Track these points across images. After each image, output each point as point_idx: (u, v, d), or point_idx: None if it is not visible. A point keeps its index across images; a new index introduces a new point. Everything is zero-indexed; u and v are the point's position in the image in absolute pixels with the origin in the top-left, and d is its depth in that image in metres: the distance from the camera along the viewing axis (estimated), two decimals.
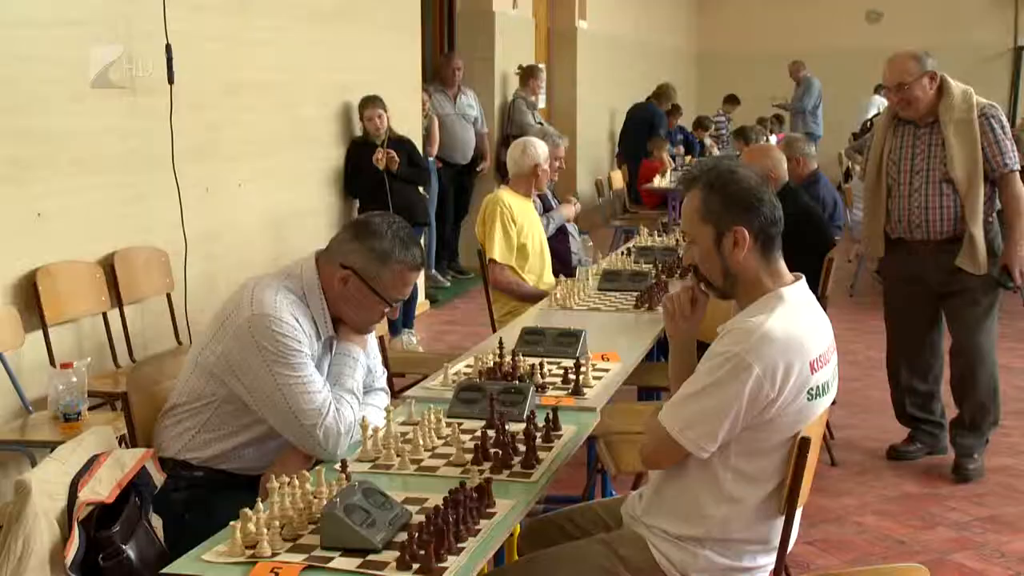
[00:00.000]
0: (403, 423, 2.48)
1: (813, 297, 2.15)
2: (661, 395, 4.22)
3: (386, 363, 3.73)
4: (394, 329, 6.25)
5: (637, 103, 10.45)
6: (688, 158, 11.00)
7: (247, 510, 1.78)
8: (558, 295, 3.94)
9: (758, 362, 1.94)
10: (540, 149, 4.57)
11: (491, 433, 2.29)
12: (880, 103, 12.97)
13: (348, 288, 2.37)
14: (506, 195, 4.49)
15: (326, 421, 2.24)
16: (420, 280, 7.07)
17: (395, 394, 3.35)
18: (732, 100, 12.97)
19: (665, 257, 4.79)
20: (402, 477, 2.14)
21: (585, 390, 2.71)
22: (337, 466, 2.12)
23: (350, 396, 2.33)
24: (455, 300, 7.68)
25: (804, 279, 2.13)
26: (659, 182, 9.44)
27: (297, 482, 1.91)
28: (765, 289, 2.07)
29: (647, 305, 3.82)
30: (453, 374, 2.85)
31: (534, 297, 4.30)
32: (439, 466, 2.18)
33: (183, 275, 4.47)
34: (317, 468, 1.99)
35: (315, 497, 1.91)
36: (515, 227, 4.41)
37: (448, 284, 7.80)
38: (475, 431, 2.38)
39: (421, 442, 2.27)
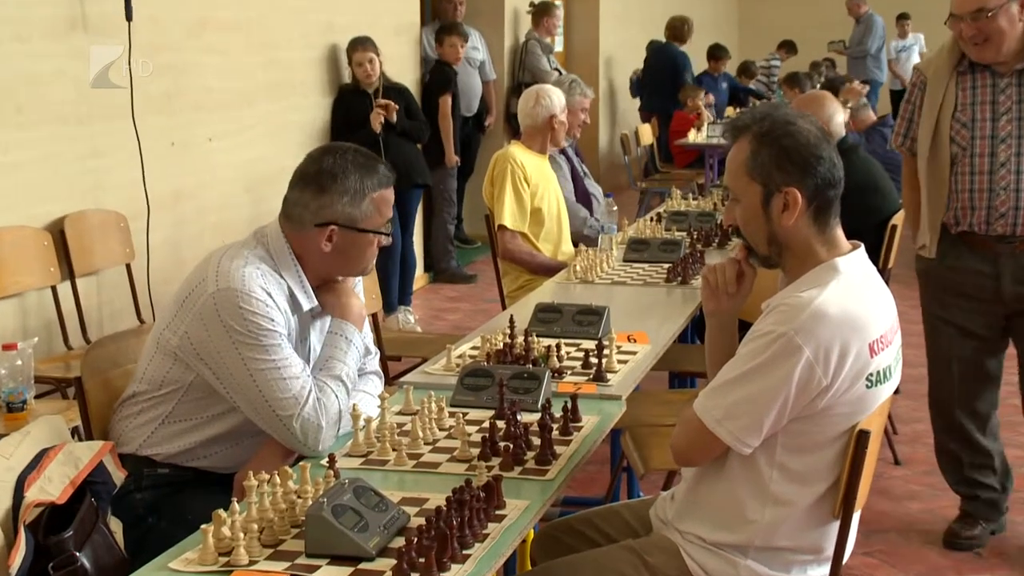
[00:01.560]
0: (399, 413, 2.48)
1: (873, 269, 2.13)
2: (696, 382, 4.23)
3: (380, 344, 3.79)
4: (389, 306, 6.29)
5: (654, 43, 10.06)
6: (730, 109, 10.94)
7: (220, 511, 1.79)
8: (578, 267, 3.94)
9: (809, 343, 1.93)
10: (556, 98, 4.54)
11: (501, 424, 2.30)
12: (912, 45, 12.65)
13: (337, 244, 2.37)
14: (518, 151, 4.47)
15: (304, 412, 2.24)
16: (419, 251, 7.09)
17: (390, 380, 3.37)
18: (788, 47, 12.82)
19: (701, 224, 4.78)
20: (399, 474, 2.15)
21: (608, 376, 2.71)
22: (324, 461, 2.13)
23: (336, 384, 2.33)
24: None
25: (863, 248, 2.12)
26: (694, 137, 9.40)
27: (278, 480, 1.92)
28: (818, 259, 2.06)
29: (680, 278, 3.82)
30: (457, 357, 2.86)
31: (550, 269, 4.30)
32: (441, 462, 2.19)
33: (145, 243, 4.48)
34: (301, 464, 2.00)
35: (299, 497, 1.92)
36: (528, 188, 4.40)
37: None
38: (482, 422, 2.39)
39: (420, 434, 2.28)
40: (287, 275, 2.37)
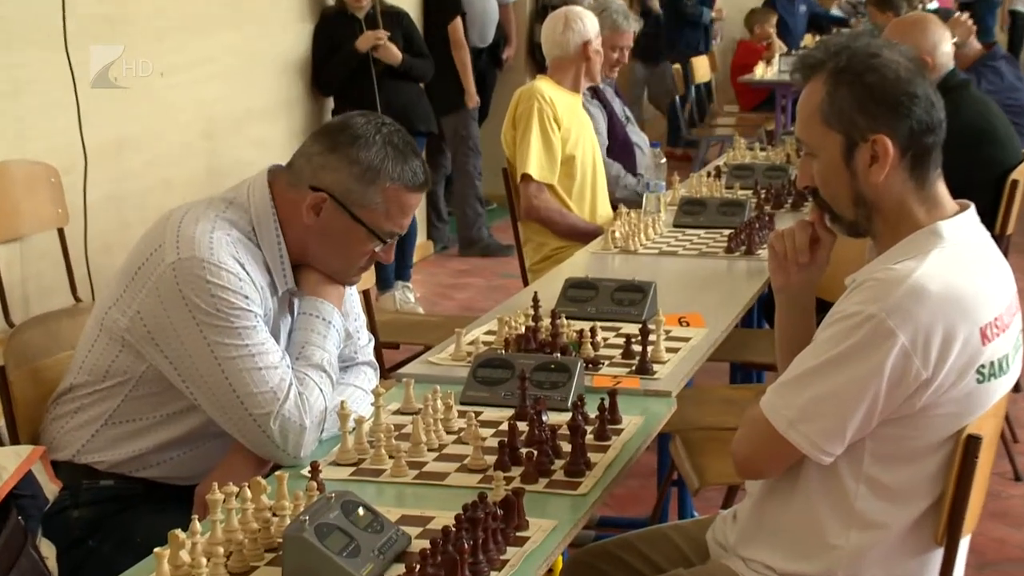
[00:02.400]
0: (398, 412, 2.50)
1: (987, 235, 2.13)
2: (765, 375, 4.27)
3: (373, 328, 3.79)
4: (384, 282, 6.32)
5: None
6: (808, 38, 10.88)
7: (178, 532, 1.81)
8: (617, 233, 3.96)
9: (904, 327, 1.93)
10: (589, 22, 4.53)
11: (522, 426, 2.31)
12: None
13: (322, 220, 2.39)
14: (546, 87, 4.46)
15: (284, 410, 2.27)
16: (420, 211, 7.11)
17: (386, 372, 3.39)
18: None
19: (770, 180, 4.79)
20: (397, 486, 2.17)
21: (655, 367, 2.73)
22: (305, 471, 2.15)
23: (319, 374, 2.36)
24: None
25: (973, 209, 2.12)
26: (763, 72, 9.38)
27: (249, 493, 1.95)
28: (915, 223, 2.06)
29: (744, 247, 3.83)
30: (469, 344, 2.88)
31: (584, 234, 4.32)
32: (449, 472, 2.21)
33: (81, 202, 4.51)
34: (277, 474, 2.02)
35: (274, 514, 1.94)
36: (559, 131, 4.40)
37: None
38: (499, 424, 2.41)
39: (423, 438, 2.30)
40: (266, 245, 2.39)
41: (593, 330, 2.86)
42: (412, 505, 2.08)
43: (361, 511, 1.86)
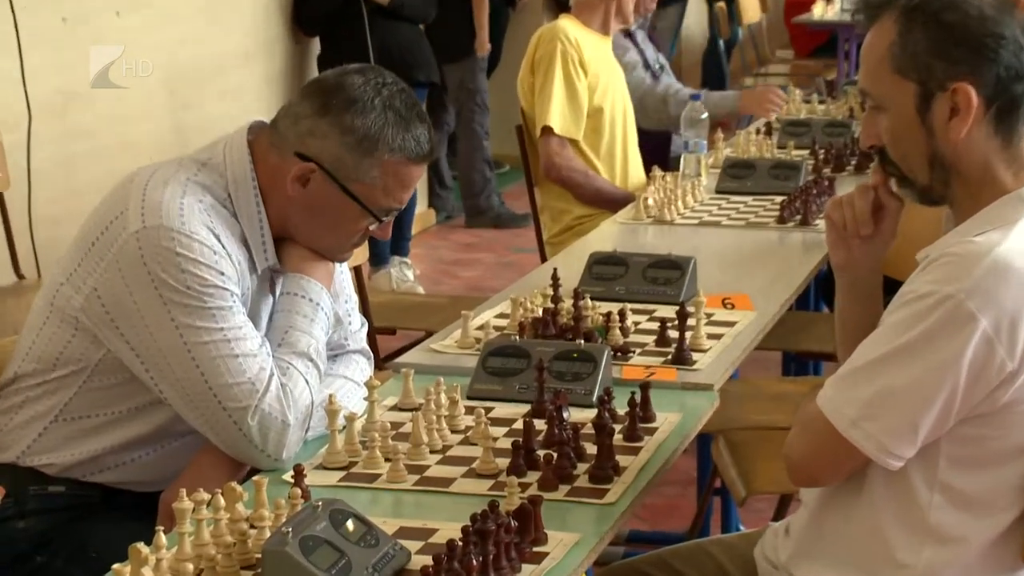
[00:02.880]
0: (395, 407, 2.52)
1: None
2: (823, 366, 4.27)
3: (366, 311, 3.79)
4: (378, 257, 6.34)
5: None
6: None
7: (140, 546, 1.82)
8: (651, 200, 3.97)
9: (986, 310, 1.93)
10: None
11: (540, 425, 2.33)
12: None
13: (309, 193, 2.41)
14: (571, 27, 4.46)
15: (263, 404, 2.28)
16: (422, 178, 7.07)
17: (381, 361, 3.39)
18: None
19: (830, 137, 4.80)
20: (394, 494, 2.19)
21: (695, 356, 2.74)
22: (288, 475, 2.16)
23: (305, 364, 2.37)
24: None
25: None
26: (822, 12, 9.35)
27: (222, 501, 1.96)
28: (1001, 188, 2.05)
29: (799, 217, 3.85)
30: (477, 329, 2.89)
31: (612, 200, 4.35)
32: (455, 477, 2.23)
33: (25, 165, 4.53)
34: (255, 479, 2.03)
35: (252, 526, 1.95)
36: (585, 78, 4.41)
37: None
38: (513, 421, 2.43)
39: (425, 438, 2.31)
40: (244, 214, 2.40)
41: (622, 313, 2.86)
42: (412, 515, 2.09)
43: (352, 522, 1.87)
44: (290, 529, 1.79)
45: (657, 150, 5.07)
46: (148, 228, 2.28)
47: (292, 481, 2.08)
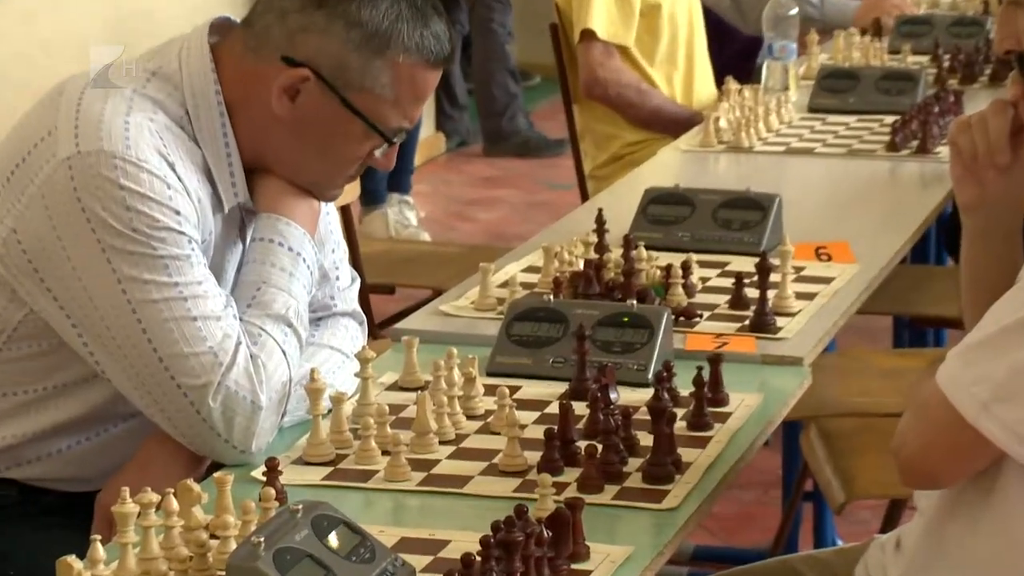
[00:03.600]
0: (395, 386, 2.54)
1: None
2: (945, 335, 4.30)
3: (357, 264, 3.79)
4: (372, 195, 6.32)
5: None
6: None
7: (71, 560, 1.83)
8: (722, 121, 3.98)
9: None
10: None
11: (580, 408, 2.33)
12: None
13: (300, 108, 2.40)
14: None
15: (228, 380, 2.29)
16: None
17: (377, 327, 3.37)
18: None
19: (958, 38, 4.78)
20: (395, 496, 2.20)
21: (780, 322, 2.75)
22: (258, 472, 2.18)
23: (281, 330, 2.38)
24: None
25: None
26: None
27: (175, 504, 1.97)
28: None
29: (916, 142, 3.85)
30: (500, 286, 2.91)
31: (672, 121, 4.37)
32: (471, 475, 2.24)
33: None
34: (217, 476, 2.04)
35: (213, 535, 1.96)
36: None
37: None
38: (546, 405, 2.44)
39: (433, 426, 2.32)
40: (206, 138, 2.40)
41: (686, 266, 2.87)
42: (417, 523, 2.10)
43: (341, 532, 1.87)
44: (262, 539, 1.79)
45: (746, 59, 5.04)
46: (83, 154, 2.28)
47: (264, 479, 2.09)
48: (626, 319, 2.58)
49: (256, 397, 2.30)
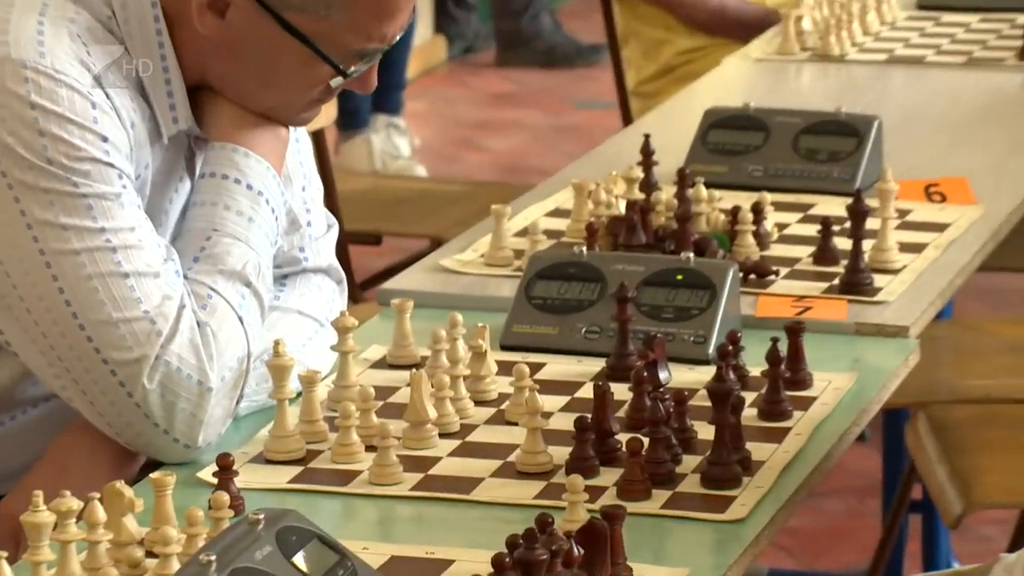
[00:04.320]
0: (382, 363, 2.56)
1: None
2: None
3: (334, 206, 3.76)
4: (352, 117, 6.30)
5: None
6: None
7: None
8: (806, 22, 3.99)
9: None
10: None
11: (621, 392, 2.34)
12: None
13: (232, 25, 2.40)
14: None
15: (169, 355, 2.29)
16: None
17: (360, 286, 3.36)
18: None
19: None
20: (383, 503, 2.21)
21: (879, 281, 2.77)
22: (207, 472, 2.20)
23: (238, 290, 2.38)
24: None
25: None
26: None
27: (101, 513, 1.97)
28: None
29: None
30: (517, 235, 2.93)
31: (741, 23, 4.42)
32: (481, 476, 2.25)
33: None
34: (154, 477, 2.04)
35: (150, 553, 1.97)
36: None
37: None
38: (577, 386, 2.46)
39: (432, 413, 2.33)
40: (139, 47, 2.40)
41: (758, 209, 2.88)
42: (411, 538, 2.11)
43: (313, 549, 1.88)
44: (212, 558, 1.80)
45: None
46: None
47: (215, 481, 2.11)
48: (680, 277, 2.59)
49: (204, 376, 2.31)
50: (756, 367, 2.41)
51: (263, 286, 2.42)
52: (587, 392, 2.36)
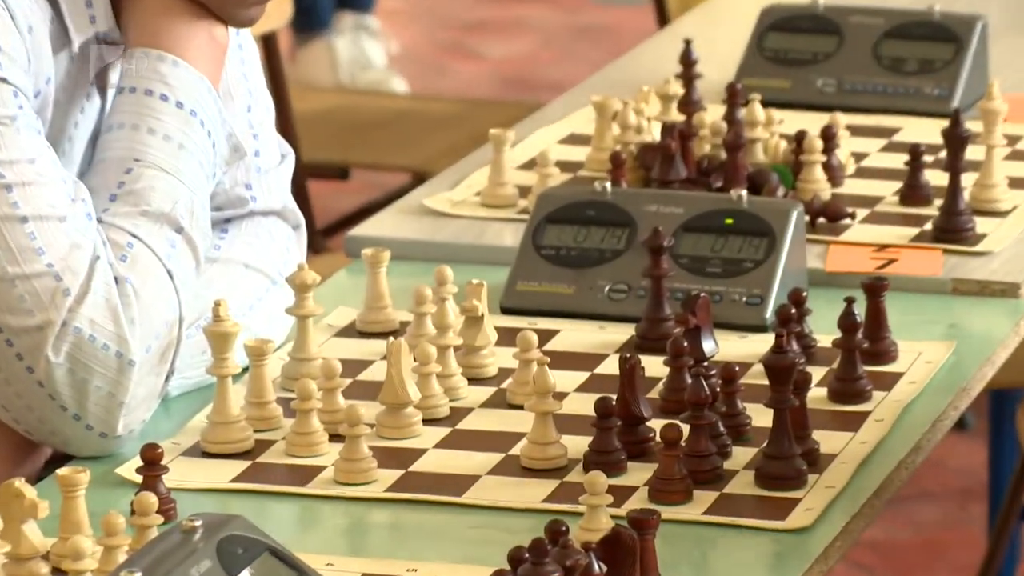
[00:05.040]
0: (351, 329, 2.59)
1: None
2: None
3: (288, 130, 3.76)
4: (311, 17, 6.28)
5: None
6: None
7: None
8: None
9: None
10: None
11: (655, 366, 2.36)
12: None
13: None
14: None
15: (79, 320, 2.31)
16: None
17: (322, 233, 3.35)
18: None
19: None
20: (352, 506, 2.22)
21: (981, 225, 2.78)
22: (129, 468, 2.22)
23: (167, 236, 2.40)
24: None
25: None
26: None
27: None
28: None
29: None
30: (522, 167, 2.96)
31: None
32: (478, 474, 2.26)
33: None
34: (62, 474, 2.06)
35: (56, 568, 1.98)
36: None
37: None
38: (599, 359, 2.48)
39: (414, 394, 2.35)
40: None
41: (829, 135, 2.90)
42: (388, 551, 2.13)
43: (264, 565, 1.91)
44: (137, 572, 1.83)
45: None
46: None
47: (139, 479, 2.13)
48: (730, 221, 2.61)
49: (124, 346, 2.33)
50: (826, 335, 2.42)
51: (198, 231, 2.44)
52: (611, 367, 2.38)
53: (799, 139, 2.87)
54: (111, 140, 2.46)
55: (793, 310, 2.36)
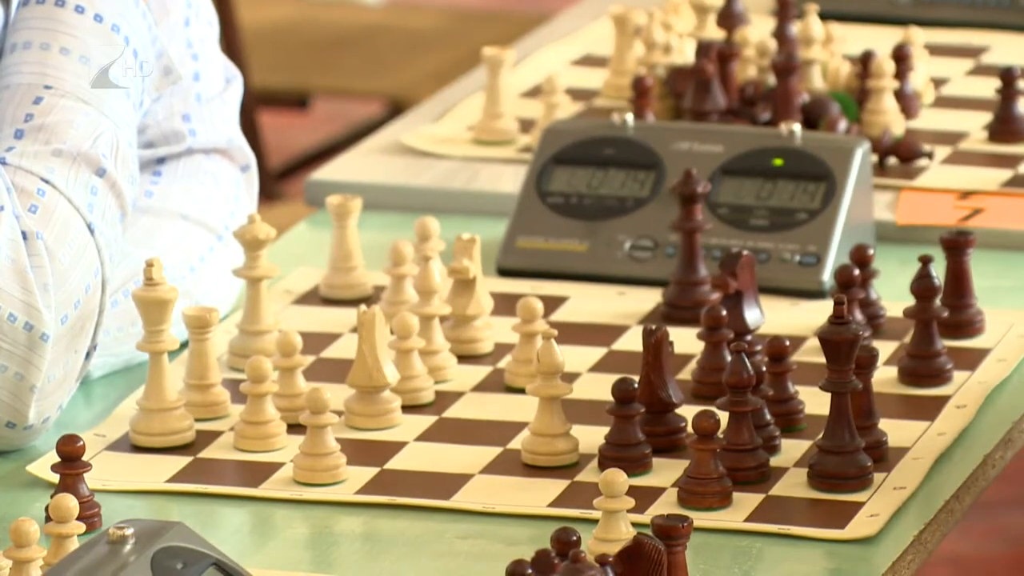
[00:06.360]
0: (313, 296, 2.62)
1: None
2: None
3: (235, 50, 3.75)
4: None
5: None
6: None
7: None
8: None
9: None
10: None
11: (687, 341, 2.39)
12: None
13: None
14: None
15: None
16: None
17: (278, 176, 3.36)
18: None
19: None
20: (316, 511, 2.24)
21: None
22: (41, 465, 2.25)
23: (85, 179, 2.42)
24: None
25: None
26: None
27: None
28: None
29: None
30: (524, 95, 3.00)
31: None
32: (471, 473, 2.28)
33: None
34: None
35: None
36: None
37: None
38: (620, 331, 2.51)
39: (391, 375, 2.37)
40: None
41: (902, 55, 2.93)
42: (360, 565, 2.16)
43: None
44: None
45: None
46: None
47: (56, 479, 2.16)
48: (780, 162, 2.64)
49: (35, 317, 2.36)
50: (896, 303, 2.45)
51: (124, 174, 2.47)
52: (633, 341, 2.41)
53: (865, 61, 2.88)
54: (15, 62, 2.49)
55: (856, 272, 2.38)
